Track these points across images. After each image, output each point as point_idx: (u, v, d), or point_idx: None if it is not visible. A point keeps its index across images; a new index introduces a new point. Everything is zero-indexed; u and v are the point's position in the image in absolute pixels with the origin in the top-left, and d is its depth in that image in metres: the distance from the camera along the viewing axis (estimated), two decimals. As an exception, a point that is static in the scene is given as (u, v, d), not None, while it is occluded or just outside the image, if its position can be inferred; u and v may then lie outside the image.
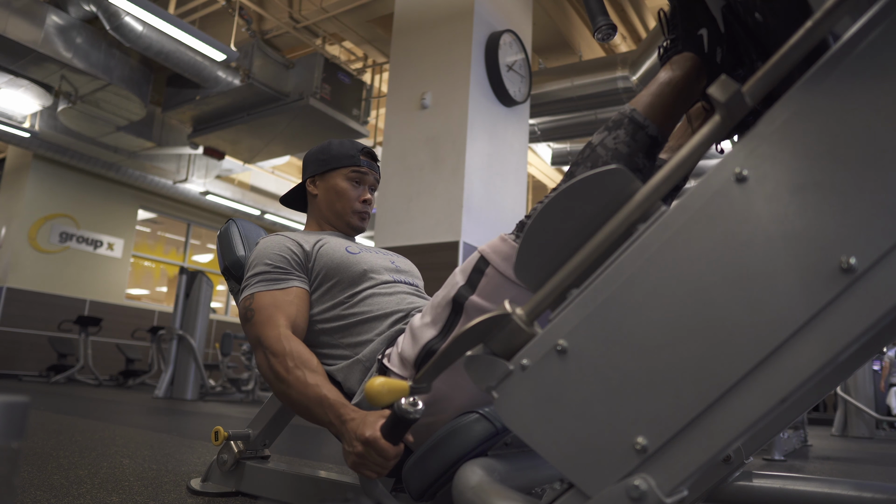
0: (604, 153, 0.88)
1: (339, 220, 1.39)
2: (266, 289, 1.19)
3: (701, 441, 0.51)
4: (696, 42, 0.83)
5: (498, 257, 0.95)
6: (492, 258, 0.95)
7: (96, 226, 8.72)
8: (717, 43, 0.81)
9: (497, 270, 0.94)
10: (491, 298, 0.94)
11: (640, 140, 0.87)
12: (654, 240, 0.56)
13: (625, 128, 0.87)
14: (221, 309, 10.62)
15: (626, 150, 0.87)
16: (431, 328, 0.99)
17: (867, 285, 0.47)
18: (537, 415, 0.58)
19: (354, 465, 0.93)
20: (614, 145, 0.87)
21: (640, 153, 0.88)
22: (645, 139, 0.87)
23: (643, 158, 0.88)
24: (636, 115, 0.87)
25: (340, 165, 1.37)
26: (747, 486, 0.95)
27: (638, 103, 0.88)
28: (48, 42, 5.66)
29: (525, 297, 0.89)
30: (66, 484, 1.37)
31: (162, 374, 5.41)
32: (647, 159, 0.88)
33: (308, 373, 1.06)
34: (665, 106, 0.86)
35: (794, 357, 0.48)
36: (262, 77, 6.21)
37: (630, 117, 0.87)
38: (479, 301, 0.95)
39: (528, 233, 0.63)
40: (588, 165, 0.89)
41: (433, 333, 0.98)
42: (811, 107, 0.51)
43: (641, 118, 0.87)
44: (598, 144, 0.89)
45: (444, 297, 0.99)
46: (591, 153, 0.89)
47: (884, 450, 3.63)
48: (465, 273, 0.98)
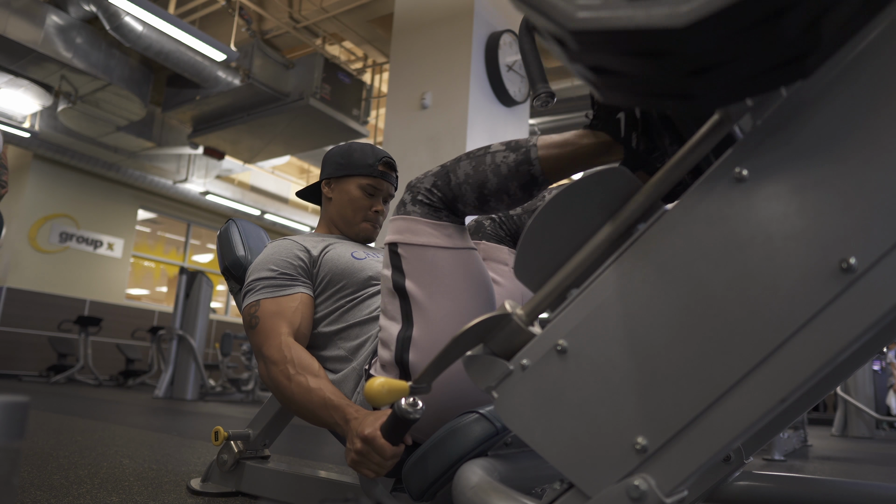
0: (489, 162, 0.93)
1: (348, 227, 1.38)
2: (271, 295, 1.19)
3: (701, 441, 0.51)
4: (613, 125, 0.86)
5: (397, 234, 1.00)
6: (394, 238, 1.01)
7: (96, 226, 8.72)
8: (633, 127, 0.84)
9: (405, 244, 0.99)
10: (418, 271, 0.99)
11: (521, 172, 0.92)
12: (653, 240, 0.56)
13: (518, 154, 0.92)
14: (221, 309, 10.62)
15: (506, 171, 0.92)
16: (393, 324, 1.01)
17: (867, 285, 0.47)
18: (537, 415, 0.58)
19: (354, 464, 0.94)
20: (500, 162, 0.92)
21: (516, 182, 0.92)
22: (526, 174, 0.92)
23: (517, 187, 0.93)
24: (532, 151, 0.91)
25: (357, 173, 1.36)
26: (747, 486, 0.95)
27: (542, 142, 0.92)
28: (48, 42, 5.66)
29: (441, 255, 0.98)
30: (66, 484, 1.37)
31: (162, 374, 5.41)
32: (520, 190, 0.93)
33: (310, 377, 1.07)
34: (559, 160, 0.90)
35: (794, 357, 0.48)
36: (262, 77, 6.21)
37: (527, 149, 0.92)
38: (412, 279, 0.99)
39: (528, 232, 0.63)
40: (472, 164, 0.95)
41: (397, 327, 1.00)
42: (811, 106, 0.51)
43: (534, 156, 0.91)
44: (491, 153, 0.94)
45: (388, 292, 1.02)
46: (482, 155, 0.95)
47: (884, 450, 3.63)
48: (388, 264, 1.02)
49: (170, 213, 9.76)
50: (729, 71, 0.44)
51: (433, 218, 0.98)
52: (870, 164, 0.48)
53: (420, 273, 0.98)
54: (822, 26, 0.42)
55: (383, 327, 1.04)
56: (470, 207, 0.98)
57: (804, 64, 0.45)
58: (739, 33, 0.40)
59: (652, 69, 0.45)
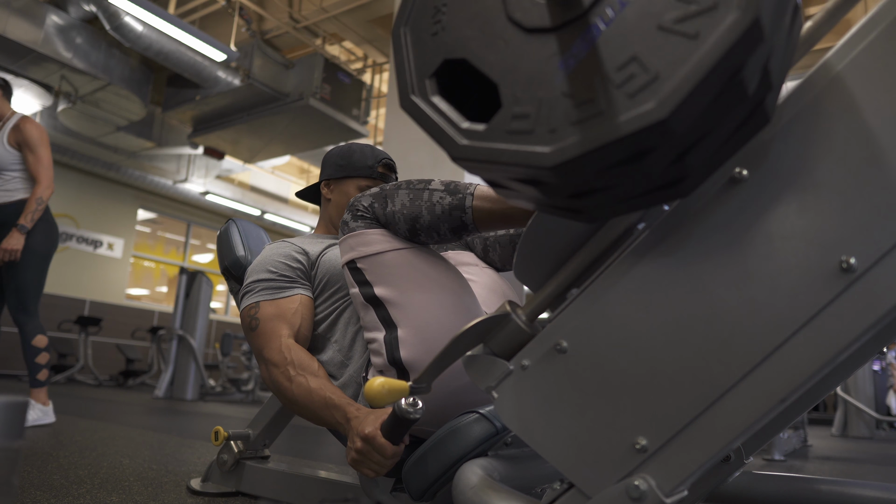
0: (427, 198, 0.97)
1: None
2: (270, 297, 1.19)
3: (701, 441, 0.51)
4: None
5: (350, 253, 1.04)
6: (348, 257, 1.04)
7: (96, 226, 8.71)
8: None
9: (360, 257, 1.03)
10: (382, 276, 1.02)
11: (454, 217, 0.96)
12: (653, 240, 0.56)
13: (454, 198, 0.96)
14: (221, 309, 10.62)
15: (439, 212, 0.96)
16: (377, 332, 1.04)
17: (867, 285, 0.47)
18: (537, 414, 0.58)
19: (354, 462, 0.94)
20: (436, 201, 0.97)
21: (447, 224, 0.97)
22: (458, 220, 0.96)
23: (447, 229, 0.97)
24: (467, 200, 0.95)
25: (356, 175, 1.36)
26: (747, 486, 0.95)
27: (479, 193, 0.95)
28: (48, 42, 5.66)
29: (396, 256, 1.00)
30: (66, 484, 1.37)
31: (162, 375, 5.41)
32: (450, 232, 0.98)
33: (311, 378, 1.07)
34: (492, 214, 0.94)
35: (793, 357, 0.48)
36: (262, 77, 6.21)
37: (464, 196, 0.96)
38: (379, 286, 1.02)
39: (527, 233, 0.63)
40: (410, 197, 0.99)
41: (382, 333, 1.03)
42: (811, 107, 0.51)
43: (468, 204, 0.95)
44: (429, 189, 0.98)
45: (362, 307, 1.05)
46: (422, 189, 0.99)
47: (884, 450, 3.63)
48: (352, 282, 1.06)
49: (170, 213, 9.76)
50: (606, 195, 0.47)
51: (375, 226, 1.02)
52: (870, 164, 0.48)
53: (384, 277, 1.01)
54: (688, 160, 0.44)
55: (370, 339, 1.06)
56: (400, 235, 1.02)
57: (679, 188, 0.47)
58: (605, 170, 0.43)
59: (536, 191, 0.48)
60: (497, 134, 0.46)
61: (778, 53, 0.43)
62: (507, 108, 0.46)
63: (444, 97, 0.50)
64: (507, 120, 0.45)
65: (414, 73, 0.51)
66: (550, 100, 0.44)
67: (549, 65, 0.44)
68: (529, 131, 0.44)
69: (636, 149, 0.41)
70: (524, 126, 0.44)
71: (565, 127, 0.42)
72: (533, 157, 0.43)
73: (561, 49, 0.44)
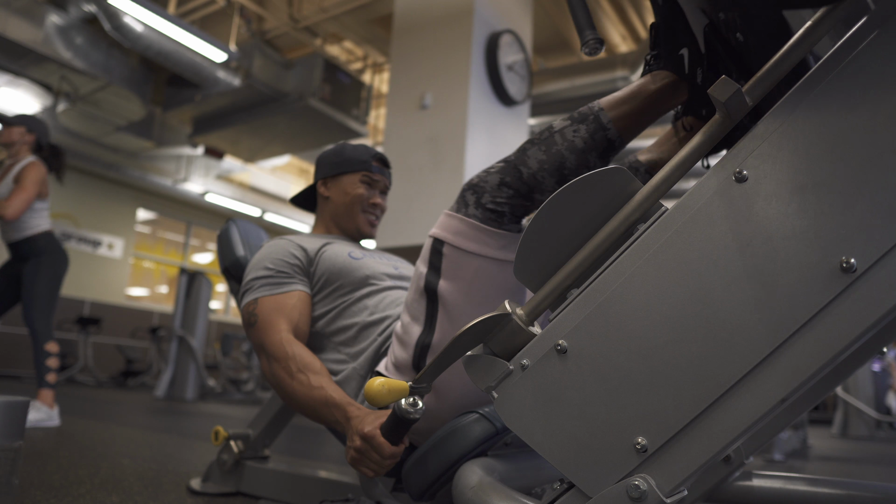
0: (560, 141, 0.88)
1: (348, 223, 1.39)
2: (269, 293, 1.19)
3: (701, 441, 0.51)
4: (677, 62, 0.83)
5: (448, 233, 0.94)
6: (444, 236, 0.95)
7: (96, 226, 8.71)
8: (697, 63, 0.82)
9: (452, 246, 0.94)
10: (457, 277, 0.94)
11: (598, 140, 0.87)
12: (653, 240, 0.56)
13: (587, 124, 0.87)
14: (221, 309, 10.61)
15: (581, 145, 0.87)
16: (415, 325, 0.98)
17: (867, 285, 0.47)
18: (537, 414, 0.58)
19: (353, 461, 0.94)
20: (572, 137, 0.87)
21: (594, 152, 0.88)
22: (603, 141, 0.87)
23: (595, 158, 0.88)
24: (602, 116, 0.87)
25: (352, 170, 1.37)
26: (747, 486, 0.95)
27: (607, 104, 0.88)
28: (48, 42, 5.66)
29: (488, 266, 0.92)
30: (66, 484, 1.37)
31: (162, 375, 5.41)
32: (599, 160, 0.89)
33: (311, 375, 1.07)
34: (632, 115, 0.87)
35: (794, 357, 0.48)
36: (262, 77, 6.21)
37: (596, 115, 0.87)
38: (447, 283, 0.94)
39: (527, 232, 0.63)
40: (542, 149, 0.89)
41: (419, 329, 0.98)
42: (811, 107, 0.51)
43: (606, 120, 0.87)
44: (558, 131, 0.89)
45: (416, 290, 0.98)
46: (548, 137, 0.90)
47: (884, 450, 3.63)
48: (426, 260, 0.97)
49: (170, 213, 9.75)
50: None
51: (494, 225, 0.91)
52: (870, 164, 0.48)
53: (458, 279, 0.93)
54: None
55: (404, 324, 1.01)
56: (549, 193, 0.89)
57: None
58: None
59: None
60: None
61: None
62: None
63: None
64: None
65: None
66: None
67: None
68: None
69: None
70: None
71: None
72: None
73: None
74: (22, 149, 2.84)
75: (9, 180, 2.72)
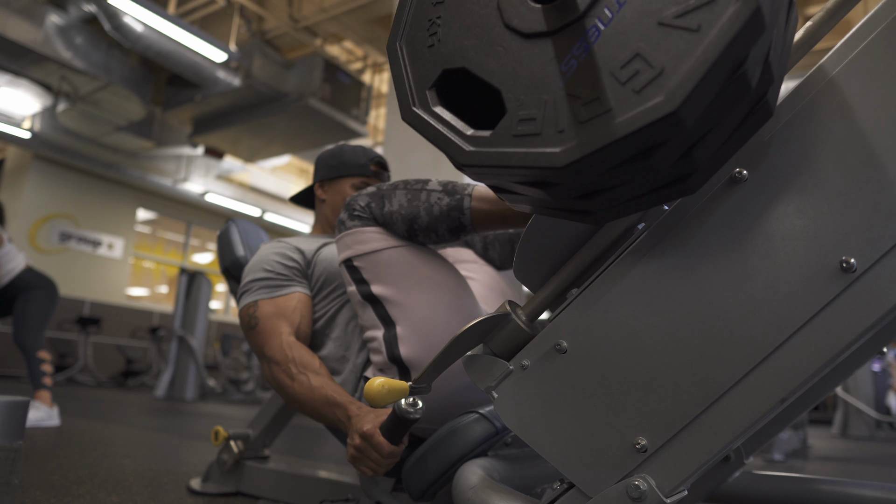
0: (425, 199, 0.98)
1: None
2: (269, 296, 1.19)
3: (701, 441, 0.51)
4: None
5: (348, 251, 1.04)
6: (347, 255, 1.04)
7: (96, 226, 8.71)
8: None
9: (358, 255, 1.03)
10: (379, 275, 1.02)
11: (452, 217, 0.96)
12: (653, 240, 0.56)
13: (452, 200, 0.96)
14: (221, 309, 10.62)
15: (437, 213, 0.97)
16: (376, 331, 1.04)
17: (867, 285, 0.47)
18: (537, 414, 0.58)
19: (352, 460, 0.94)
20: (434, 202, 0.97)
21: (445, 225, 0.97)
22: (456, 221, 0.96)
23: (445, 230, 0.98)
24: (465, 201, 0.95)
25: (349, 174, 1.37)
26: (747, 486, 0.95)
27: (477, 194, 0.95)
28: (48, 42, 5.66)
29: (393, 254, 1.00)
30: (66, 484, 1.37)
31: (162, 375, 5.41)
32: (448, 232, 0.98)
33: (312, 375, 1.07)
34: (489, 216, 0.94)
35: (793, 357, 0.48)
36: (262, 77, 6.21)
37: (461, 197, 0.96)
38: (377, 286, 1.02)
39: (527, 233, 0.63)
40: (408, 197, 0.99)
41: (381, 332, 1.03)
42: (811, 108, 0.51)
43: (466, 206, 0.95)
44: (427, 190, 0.99)
45: (360, 305, 1.06)
46: (419, 189, 0.99)
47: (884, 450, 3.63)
48: (349, 281, 1.06)
49: (170, 213, 9.75)
50: (614, 195, 0.47)
51: (372, 224, 1.02)
52: (870, 163, 0.48)
53: (381, 275, 1.02)
54: (695, 155, 0.44)
55: (368, 338, 1.06)
56: (398, 235, 1.02)
57: (686, 184, 0.47)
58: (615, 167, 0.43)
59: (543, 194, 0.48)
60: (503, 139, 0.46)
61: (777, 46, 0.43)
62: (511, 113, 0.46)
63: (445, 107, 0.50)
64: (512, 124, 0.45)
65: (413, 85, 0.52)
66: (556, 101, 0.44)
67: (551, 68, 0.44)
68: (536, 133, 0.44)
69: (646, 143, 0.41)
70: (531, 129, 0.45)
71: (573, 126, 0.43)
72: (543, 158, 0.43)
73: (561, 52, 0.44)
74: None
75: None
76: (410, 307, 1.00)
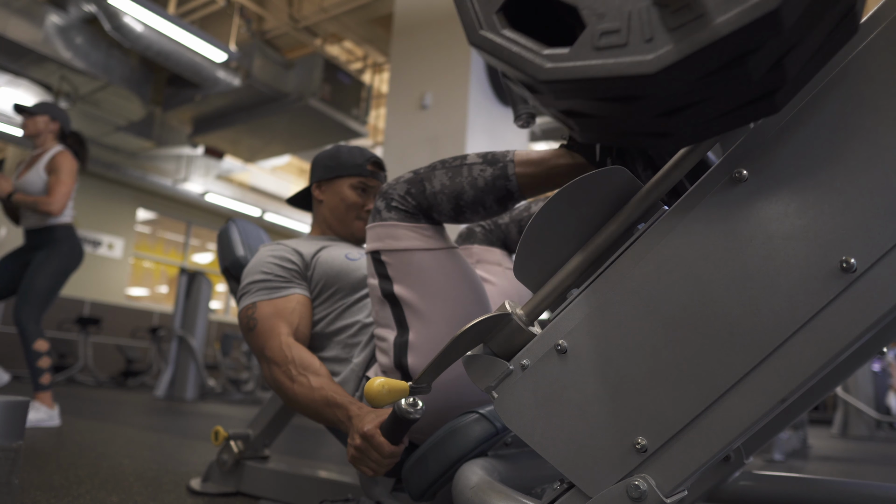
0: (466, 174, 0.93)
1: (342, 227, 1.39)
2: (267, 297, 1.19)
3: (701, 441, 0.51)
4: (588, 149, 0.88)
5: (378, 242, 1.00)
6: (375, 246, 1.01)
7: (96, 226, 8.71)
8: (607, 152, 0.86)
9: (387, 251, 0.99)
10: (406, 276, 0.99)
11: (498, 186, 0.92)
12: (653, 240, 0.56)
13: (495, 169, 0.92)
14: (221, 309, 10.61)
15: (482, 185, 0.92)
16: (388, 331, 1.02)
17: (867, 285, 0.47)
18: (537, 414, 0.58)
19: (353, 460, 0.94)
20: (477, 175, 0.93)
21: (492, 195, 0.93)
22: (503, 189, 0.92)
23: (493, 201, 0.93)
24: (509, 167, 0.92)
25: (346, 174, 1.37)
26: (747, 486, 0.95)
27: (519, 158, 0.92)
28: (48, 42, 5.66)
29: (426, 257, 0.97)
30: (66, 484, 1.37)
31: (162, 375, 5.41)
32: (496, 203, 0.94)
33: (312, 376, 1.07)
34: (536, 178, 0.91)
35: (793, 357, 0.48)
36: (262, 77, 6.21)
37: (505, 164, 0.92)
38: (400, 286, 0.99)
39: (527, 233, 0.63)
40: (449, 175, 0.95)
41: (393, 334, 1.01)
42: (811, 107, 0.51)
43: (511, 172, 0.91)
44: (468, 165, 0.94)
45: (377, 301, 1.03)
46: (458, 165, 0.95)
47: (884, 450, 3.63)
48: (373, 273, 1.03)
49: (170, 213, 9.75)
50: (699, 111, 0.46)
51: (411, 221, 0.98)
52: (870, 164, 0.48)
53: (408, 277, 0.98)
54: (786, 65, 0.43)
55: (378, 335, 1.04)
56: (445, 217, 0.98)
57: (772, 100, 0.46)
58: (706, 76, 0.42)
59: (623, 112, 0.47)
60: (585, 53, 0.44)
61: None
62: (591, 27, 0.44)
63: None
64: (593, 38, 0.44)
65: (479, 9, 0.49)
66: (640, 11, 0.42)
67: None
68: (622, 45, 0.43)
69: (743, 48, 0.40)
70: (615, 41, 0.43)
71: (663, 33, 0.41)
72: (632, 67, 0.42)
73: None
74: (48, 138, 2.74)
75: (39, 170, 2.63)
76: (429, 317, 0.98)
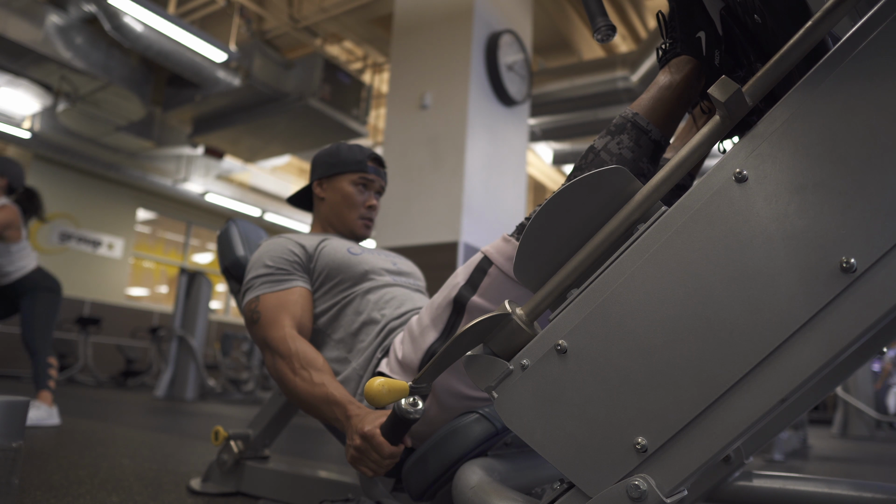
0: (608, 158, 0.86)
1: (343, 225, 1.39)
2: (271, 290, 1.20)
3: (701, 441, 0.51)
4: (694, 45, 0.82)
5: (501, 257, 0.94)
6: (495, 258, 0.94)
7: (96, 226, 8.71)
8: (715, 46, 0.81)
9: (500, 270, 0.93)
10: (493, 299, 0.93)
11: (643, 145, 0.86)
12: (653, 240, 0.56)
13: (628, 132, 0.86)
14: (221, 309, 10.61)
15: (630, 155, 0.86)
16: (432, 330, 0.99)
17: (867, 285, 0.47)
18: (537, 414, 0.58)
19: (353, 460, 0.94)
20: (619, 150, 0.86)
21: (645, 157, 0.86)
22: (648, 143, 0.86)
23: (647, 163, 0.87)
24: (639, 120, 0.86)
25: (347, 170, 1.38)
26: (747, 486, 0.95)
27: (640, 107, 0.87)
28: (48, 42, 5.66)
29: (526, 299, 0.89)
30: (66, 484, 1.37)
31: (162, 375, 5.41)
32: (651, 163, 0.87)
33: (314, 372, 1.07)
34: (667, 110, 0.86)
35: (794, 357, 0.48)
36: (262, 77, 6.21)
37: (633, 122, 0.87)
38: (480, 301, 0.94)
39: (527, 233, 0.63)
40: (597, 167, 0.86)
41: (434, 336, 0.98)
42: (811, 107, 0.51)
43: (645, 122, 0.86)
44: (602, 149, 0.88)
45: (445, 298, 0.98)
46: (594, 158, 0.88)
47: (884, 450, 3.63)
48: (467, 273, 0.97)
49: (170, 213, 9.75)
50: None
51: None
52: (870, 164, 0.48)
53: (494, 301, 0.93)
54: None
55: (422, 324, 1.00)
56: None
57: None
58: None
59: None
60: None
61: None
62: None
63: None
64: None
65: None
66: None
67: None
68: None
69: None
70: None
71: None
72: None
73: None
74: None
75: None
76: None
